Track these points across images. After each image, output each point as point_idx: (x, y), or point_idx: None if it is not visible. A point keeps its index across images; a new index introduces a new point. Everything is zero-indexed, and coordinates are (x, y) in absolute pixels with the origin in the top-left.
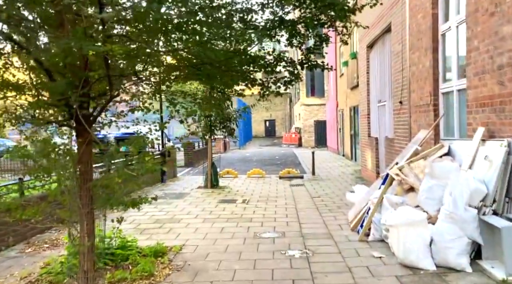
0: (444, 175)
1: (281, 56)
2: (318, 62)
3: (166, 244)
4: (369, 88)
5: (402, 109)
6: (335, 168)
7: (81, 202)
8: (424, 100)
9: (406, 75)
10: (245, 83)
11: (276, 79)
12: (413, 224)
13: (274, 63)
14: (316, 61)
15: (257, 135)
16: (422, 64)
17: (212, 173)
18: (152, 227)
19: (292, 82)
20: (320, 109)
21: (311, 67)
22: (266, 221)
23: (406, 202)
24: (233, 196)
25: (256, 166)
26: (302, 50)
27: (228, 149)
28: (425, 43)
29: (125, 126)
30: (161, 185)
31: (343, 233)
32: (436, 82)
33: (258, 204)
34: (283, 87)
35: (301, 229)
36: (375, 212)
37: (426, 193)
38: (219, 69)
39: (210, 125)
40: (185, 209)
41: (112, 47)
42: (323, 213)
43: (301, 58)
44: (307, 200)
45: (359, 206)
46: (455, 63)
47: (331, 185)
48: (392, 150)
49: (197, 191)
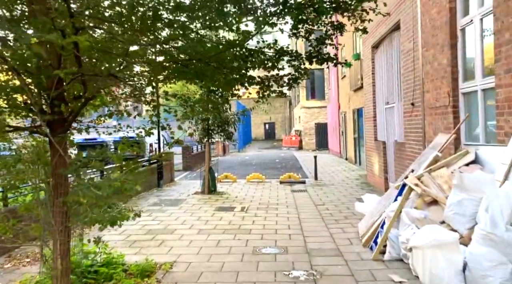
0: (477, 188)
1: (284, 49)
2: (330, 55)
3: (156, 260)
4: (375, 89)
5: (414, 111)
6: (338, 172)
7: (53, 219)
8: (441, 101)
9: (419, 75)
10: (241, 82)
11: (278, 76)
12: (443, 246)
13: (275, 57)
14: (328, 53)
15: (257, 137)
16: (438, 62)
17: (210, 178)
18: (143, 239)
19: (298, 80)
20: (320, 112)
21: (322, 61)
22: (267, 233)
23: (428, 217)
24: (231, 203)
25: (256, 170)
26: (310, 41)
27: (227, 152)
28: (441, 40)
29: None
30: (157, 191)
31: (354, 249)
32: (455, 81)
33: (258, 213)
34: (287, 87)
35: (306, 244)
36: (392, 227)
37: (455, 208)
38: (209, 65)
39: (207, 129)
40: (180, 217)
41: (78, 38)
42: (330, 224)
43: (310, 50)
44: (311, 209)
45: (371, 219)
46: (478, 59)
47: (336, 191)
48: (402, 155)
49: (193, 198)
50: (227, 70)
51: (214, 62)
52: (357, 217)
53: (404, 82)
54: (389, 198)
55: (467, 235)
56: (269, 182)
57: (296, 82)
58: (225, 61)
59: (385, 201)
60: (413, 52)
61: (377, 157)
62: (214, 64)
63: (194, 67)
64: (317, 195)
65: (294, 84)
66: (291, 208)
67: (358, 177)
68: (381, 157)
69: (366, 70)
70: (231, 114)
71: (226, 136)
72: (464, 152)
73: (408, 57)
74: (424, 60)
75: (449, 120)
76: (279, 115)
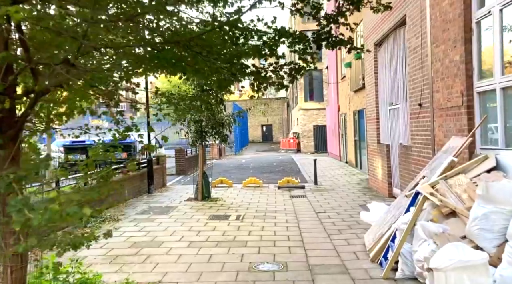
0: (505, 199)
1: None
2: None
3: (139, 279)
4: (378, 89)
5: (422, 112)
6: (338, 176)
7: (3, 241)
8: (453, 101)
9: (427, 73)
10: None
11: (278, 65)
12: (469, 268)
13: (274, 40)
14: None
15: (254, 140)
16: (450, 58)
17: (204, 183)
18: (127, 253)
19: (302, 70)
20: (319, 114)
21: (333, 45)
22: (264, 246)
23: (447, 232)
24: (226, 211)
25: (253, 174)
26: (318, 19)
27: (224, 155)
28: (453, 34)
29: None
30: (147, 197)
31: (361, 265)
32: (470, 79)
33: (255, 222)
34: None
35: (307, 258)
36: (405, 241)
37: (480, 222)
38: (189, 51)
39: (201, 131)
40: (169, 228)
41: (8, 9)
42: (332, 235)
43: (319, 30)
44: (311, 217)
45: (379, 230)
46: (497, 55)
47: (337, 197)
48: (408, 159)
49: (185, 205)
50: (214, 57)
51: (196, 46)
52: (362, 226)
53: (411, 82)
54: (398, 208)
55: (495, 254)
56: (266, 187)
57: (299, 72)
58: (211, 44)
59: (394, 210)
60: (421, 49)
61: (380, 161)
62: (195, 48)
63: (168, 52)
64: (318, 201)
65: (298, 75)
66: (290, 216)
67: (359, 181)
68: (385, 161)
69: (369, 69)
70: (226, 115)
71: (221, 138)
72: (483, 157)
73: (415, 55)
74: (434, 57)
75: (462, 121)
76: (277, 117)
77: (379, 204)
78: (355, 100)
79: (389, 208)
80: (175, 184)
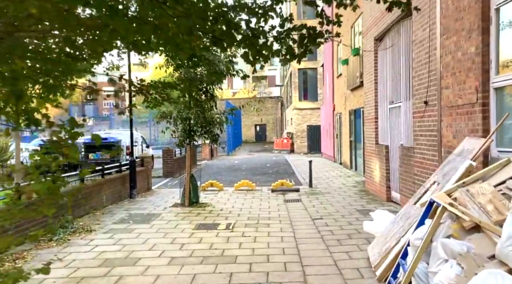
0: None
1: None
2: None
3: None
4: (377, 87)
5: (427, 111)
6: (333, 178)
7: None
8: (465, 98)
9: (436, 68)
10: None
11: (284, 30)
12: None
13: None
14: None
15: (247, 140)
16: (463, 51)
17: (191, 187)
18: (95, 274)
19: (319, 37)
20: (313, 114)
21: None
22: (256, 261)
23: (472, 251)
24: (215, 218)
25: (246, 176)
26: None
27: (216, 155)
28: (468, 24)
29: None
30: (128, 202)
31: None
32: (486, 74)
33: (246, 231)
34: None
35: (306, 278)
36: (420, 260)
37: None
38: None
39: (189, 130)
40: (150, 240)
41: None
42: (331, 247)
43: None
44: (308, 224)
45: (385, 243)
46: None
47: (333, 201)
48: (410, 161)
49: (170, 211)
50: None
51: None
52: (363, 236)
53: (416, 78)
54: (407, 218)
55: None
56: (259, 190)
57: (315, 42)
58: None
59: (402, 221)
60: (429, 41)
61: (378, 163)
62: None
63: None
64: (313, 206)
65: (312, 45)
66: (285, 224)
67: (355, 183)
68: (383, 163)
69: (368, 66)
70: (217, 113)
71: (211, 138)
72: (505, 161)
73: (422, 48)
74: (444, 50)
75: (476, 120)
76: (271, 116)
77: (383, 212)
78: (351, 99)
79: (395, 217)
80: (162, 187)
